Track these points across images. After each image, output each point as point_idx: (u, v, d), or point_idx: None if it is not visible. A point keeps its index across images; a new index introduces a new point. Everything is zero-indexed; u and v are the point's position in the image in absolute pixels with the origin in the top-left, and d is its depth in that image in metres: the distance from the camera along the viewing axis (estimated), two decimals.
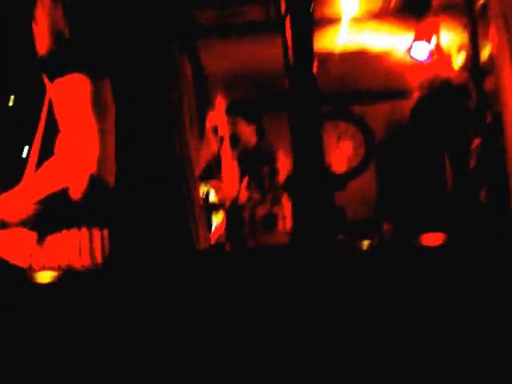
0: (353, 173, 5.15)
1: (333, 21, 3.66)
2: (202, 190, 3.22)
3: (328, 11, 3.65)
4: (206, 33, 3.70)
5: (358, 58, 3.93)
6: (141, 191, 1.18)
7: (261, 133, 3.37)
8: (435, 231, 1.21)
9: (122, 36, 1.16)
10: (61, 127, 1.11)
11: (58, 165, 1.11)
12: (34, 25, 1.15)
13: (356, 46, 3.81)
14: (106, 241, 1.13)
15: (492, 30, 2.83)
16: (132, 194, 1.17)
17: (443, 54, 3.70)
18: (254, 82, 4.04)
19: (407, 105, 4.63)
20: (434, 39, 3.57)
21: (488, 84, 3.61)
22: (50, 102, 1.28)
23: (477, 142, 3.74)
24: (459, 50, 3.74)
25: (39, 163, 1.22)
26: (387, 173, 5.12)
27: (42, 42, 1.11)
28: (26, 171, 1.28)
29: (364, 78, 4.36)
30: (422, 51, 3.59)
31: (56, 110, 1.13)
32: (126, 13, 1.19)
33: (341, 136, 5.15)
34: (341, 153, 5.10)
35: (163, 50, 1.27)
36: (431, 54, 3.62)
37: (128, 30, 1.18)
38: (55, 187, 1.10)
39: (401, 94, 4.63)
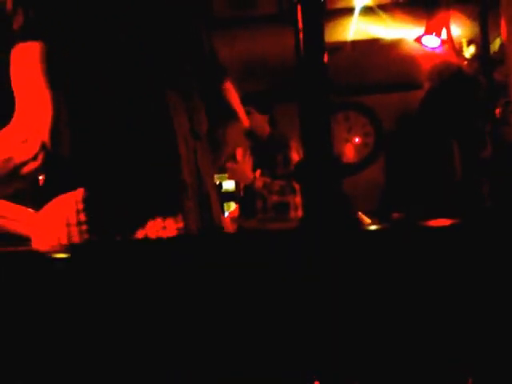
0: (362, 163, 5.18)
1: (345, 11, 3.69)
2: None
3: (340, 2, 3.68)
4: (217, 24, 3.75)
5: (369, 49, 3.96)
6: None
7: (274, 123, 3.41)
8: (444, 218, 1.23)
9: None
10: (15, 96, 1.09)
11: (11, 132, 1.08)
12: None
13: (367, 37, 3.83)
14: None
15: (503, 21, 2.86)
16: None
17: (454, 45, 3.72)
18: (266, 74, 4.07)
19: (417, 96, 4.64)
20: (444, 31, 3.59)
21: (498, 74, 3.63)
22: None
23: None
24: (470, 42, 3.76)
25: None
26: (396, 164, 5.14)
27: None
28: None
29: (374, 69, 4.39)
30: (432, 43, 3.62)
31: (12, 81, 1.10)
32: None
33: (351, 127, 5.18)
34: (351, 143, 5.14)
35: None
36: (442, 45, 3.64)
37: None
38: (7, 154, 1.07)
39: (411, 85, 4.64)
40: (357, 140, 5.14)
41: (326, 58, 1.15)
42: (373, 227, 1.18)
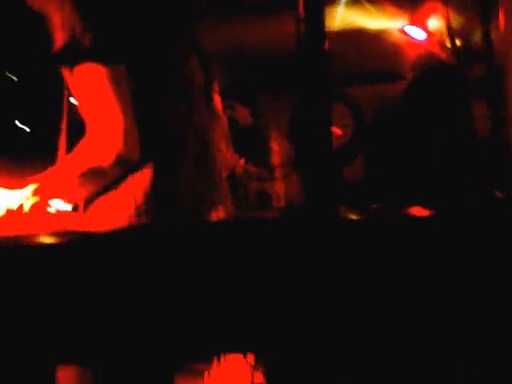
0: (343, 154, 5.18)
1: (330, 0, 3.68)
2: None
3: None
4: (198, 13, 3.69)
5: (354, 40, 3.94)
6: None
7: (255, 114, 3.42)
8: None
9: (133, 23, 1.22)
10: (85, 113, 1.21)
11: (88, 146, 1.20)
12: (46, 19, 1.23)
13: (352, 27, 3.83)
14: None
15: (501, 13, 2.86)
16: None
17: (437, 37, 3.74)
18: (249, 64, 4.05)
19: (400, 87, 4.65)
20: (429, 23, 3.60)
21: (479, 68, 3.64)
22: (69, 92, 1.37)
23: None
24: (453, 35, 3.76)
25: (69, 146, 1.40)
26: (377, 155, 5.16)
27: (57, 36, 1.18)
28: (59, 154, 1.40)
29: (358, 60, 4.37)
30: (417, 34, 3.63)
31: (77, 97, 1.23)
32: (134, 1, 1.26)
33: (333, 117, 5.17)
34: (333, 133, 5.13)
35: (168, 32, 1.33)
36: (426, 36, 3.65)
37: (137, 18, 1.24)
38: (87, 165, 1.19)
39: (395, 75, 4.65)
40: (339, 130, 5.13)
41: (326, 46, 1.13)
42: (357, 217, 1.19)
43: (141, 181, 1.24)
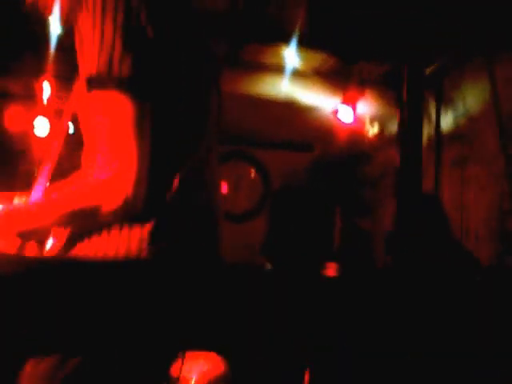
0: (247, 215, 5.23)
1: (271, 69, 3.82)
2: None
3: (268, 60, 3.80)
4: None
5: (283, 108, 4.08)
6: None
7: None
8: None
9: (169, 63, 1.13)
10: (94, 142, 1.09)
11: (91, 182, 1.07)
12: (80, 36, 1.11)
13: (285, 98, 3.97)
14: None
15: None
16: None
17: (359, 121, 3.99)
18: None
19: (307, 157, 4.87)
20: (357, 106, 3.84)
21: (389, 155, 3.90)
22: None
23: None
24: (373, 121, 4.04)
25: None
26: (279, 220, 5.26)
27: (90, 57, 1.07)
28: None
29: (277, 127, 4.50)
30: (347, 115, 3.84)
31: (88, 124, 1.12)
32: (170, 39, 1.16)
33: (240, 177, 5.24)
34: (238, 194, 5.17)
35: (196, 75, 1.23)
36: (354, 119, 3.87)
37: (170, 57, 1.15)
38: (87, 204, 1.07)
39: (304, 146, 4.86)
40: (244, 190, 5.20)
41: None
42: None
43: (132, 239, 1.11)
